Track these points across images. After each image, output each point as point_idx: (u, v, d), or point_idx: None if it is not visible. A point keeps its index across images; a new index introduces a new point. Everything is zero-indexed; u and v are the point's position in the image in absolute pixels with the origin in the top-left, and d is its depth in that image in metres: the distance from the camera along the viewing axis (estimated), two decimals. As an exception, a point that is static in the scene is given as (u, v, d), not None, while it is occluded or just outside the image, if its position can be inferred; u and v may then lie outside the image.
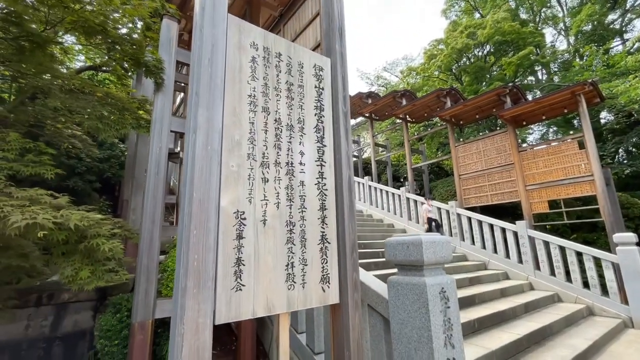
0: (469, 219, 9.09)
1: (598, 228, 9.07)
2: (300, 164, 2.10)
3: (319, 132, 2.25)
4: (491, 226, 8.57)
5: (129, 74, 5.73)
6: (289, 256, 1.90)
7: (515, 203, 9.85)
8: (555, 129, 15.48)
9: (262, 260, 1.79)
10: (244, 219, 1.77)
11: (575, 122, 14.73)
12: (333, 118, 2.35)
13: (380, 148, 17.29)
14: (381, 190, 11.99)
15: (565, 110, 8.85)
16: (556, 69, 17.67)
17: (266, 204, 1.87)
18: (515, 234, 8.03)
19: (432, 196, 8.31)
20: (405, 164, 12.97)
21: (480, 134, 11.86)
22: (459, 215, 9.36)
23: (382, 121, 15.77)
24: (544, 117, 9.35)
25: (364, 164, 15.91)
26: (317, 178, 2.16)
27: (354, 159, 17.27)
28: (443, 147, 15.41)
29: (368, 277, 2.57)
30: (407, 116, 12.96)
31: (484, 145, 10.03)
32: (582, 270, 6.87)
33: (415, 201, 10.65)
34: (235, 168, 1.79)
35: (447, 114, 10.67)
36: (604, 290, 6.61)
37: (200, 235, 1.55)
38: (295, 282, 1.89)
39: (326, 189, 2.18)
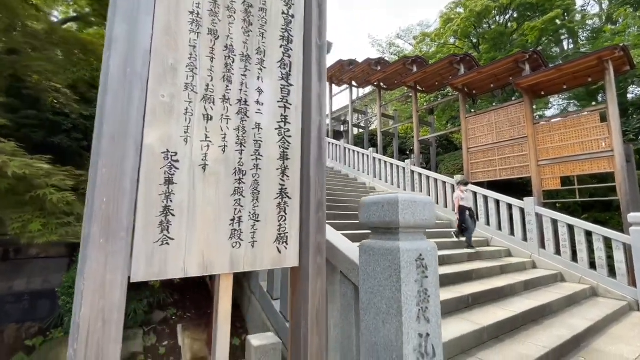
0: (474, 194, 8.69)
1: (612, 207, 8.58)
2: (258, 103, 1.75)
3: (284, 68, 1.88)
4: (497, 202, 8.18)
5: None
6: (236, 209, 1.61)
7: (525, 180, 9.36)
8: (576, 103, 14.50)
9: (199, 212, 1.50)
10: (176, 161, 1.46)
11: (600, 97, 13.74)
12: (304, 53, 1.97)
13: (388, 120, 16.67)
14: (385, 162, 11.58)
15: (590, 80, 8.10)
16: (584, 40, 16.33)
17: (208, 146, 1.55)
18: (522, 211, 7.64)
19: (465, 178, 7.61)
20: (413, 137, 12.42)
21: (494, 104, 11.14)
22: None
23: (391, 90, 15.02)
24: (565, 87, 8.61)
25: (370, 136, 15.39)
26: (278, 122, 1.82)
27: (360, 130, 16.72)
28: (454, 120, 14.69)
29: (340, 241, 2.28)
30: (418, 85, 12.23)
31: (496, 116, 9.41)
32: (591, 251, 6.51)
33: (420, 175, 10.24)
34: (168, 99, 1.46)
35: (460, 82, 9.97)
36: (612, 272, 6.27)
37: (111, 175, 1.26)
38: (242, 240, 1.61)
39: (290, 136, 1.84)
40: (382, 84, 13.73)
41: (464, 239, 7.23)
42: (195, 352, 3.09)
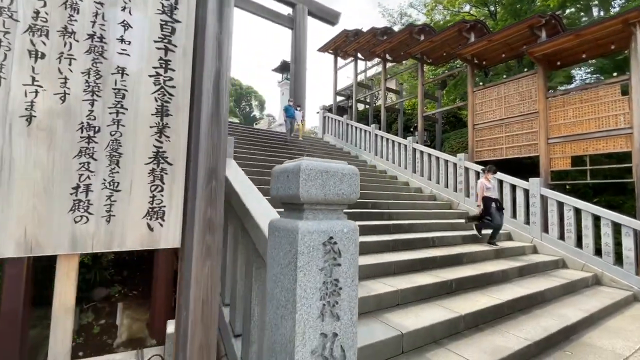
0: (477, 173, 8.13)
1: (627, 190, 7.86)
2: (121, 41, 1.37)
3: None
4: (500, 182, 7.62)
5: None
6: (81, 175, 1.28)
7: (533, 160, 8.68)
8: (602, 78, 13.26)
9: (18, 176, 1.18)
10: (-20, 108, 1.13)
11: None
12: (199, -19, 1.55)
13: (393, 95, 15.87)
14: (387, 139, 11.03)
15: (613, 47, 7.20)
16: (617, 7, 14.72)
17: (36, 92, 1.21)
18: (526, 193, 7.08)
19: (492, 167, 6.60)
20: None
21: (504, 76, 10.26)
22: (466, 169, 8.41)
23: (397, 63, 14.14)
24: (584, 56, 7.73)
25: (375, 112, 14.71)
26: (155, 68, 1.44)
27: (366, 105, 16.01)
28: (465, 96, 13.79)
29: (257, 208, 1.90)
30: (425, 56, 11.40)
31: (506, 90, 8.64)
32: (597, 237, 5.97)
33: (422, 152, 9.68)
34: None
35: (468, 51, 9.15)
36: (619, 260, 5.75)
37: None
38: (90, 213, 1.29)
39: (173, 87, 1.47)
40: (387, 55, 12.90)
41: (486, 232, 6.42)
42: (134, 332, 2.91)
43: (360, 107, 17.03)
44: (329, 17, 17.35)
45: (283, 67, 34.73)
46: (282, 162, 1.54)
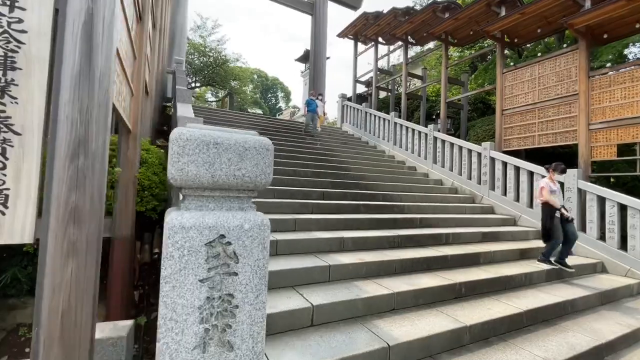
0: (505, 164, 7.32)
1: (688, 184, 6.73)
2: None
3: None
4: (530, 174, 6.81)
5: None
6: None
7: (571, 149, 7.68)
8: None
9: None
10: None
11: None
12: None
13: (417, 82, 14.95)
14: (407, 128, 10.33)
15: (676, 14, 6.06)
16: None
17: None
18: (561, 186, 6.23)
19: (561, 164, 5.09)
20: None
21: (539, 55, 9.14)
22: (492, 159, 7.62)
23: (420, 45, 13.20)
24: (638, 26, 6.60)
25: (396, 100, 13.90)
26: (-4, 5, 1.09)
27: (388, 93, 15.21)
28: (494, 81, 12.61)
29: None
30: (449, 36, 10.47)
31: (540, 70, 7.65)
32: (647, 238, 5.09)
33: (444, 141, 8.91)
34: None
35: (498, 27, 8.20)
36: (673, 266, 4.87)
37: None
38: None
39: (22, 30, 1.10)
40: (409, 37, 12.06)
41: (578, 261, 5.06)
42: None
43: (383, 95, 16.24)
44: (351, 0, 16.60)
45: (306, 57, 34.23)
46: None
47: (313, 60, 16.71)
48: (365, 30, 13.36)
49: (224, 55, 22.66)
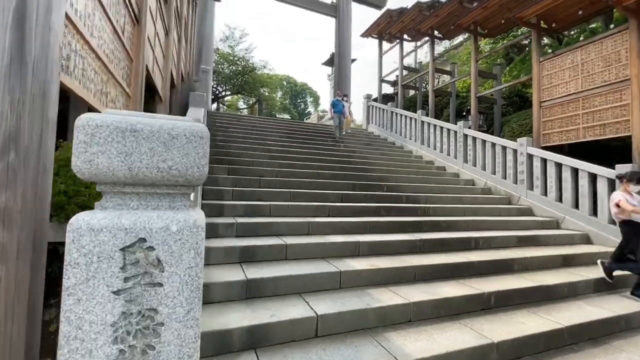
0: (544, 161, 6.65)
1: None
2: None
3: None
4: (575, 171, 6.11)
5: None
6: None
7: (623, 142, 6.82)
8: None
9: None
10: None
11: None
12: None
13: (446, 78, 14.26)
14: (435, 126, 9.81)
15: None
16: None
17: None
18: (611, 183, 5.51)
19: (638, 172, 4.29)
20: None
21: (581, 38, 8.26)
22: (530, 156, 6.96)
23: (447, 39, 12.57)
24: (702, -1, 5.73)
25: (424, 98, 13.34)
26: None
27: (415, 91, 14.66)
28: (530, 71, 11.67)
29: None
30: (478, 27, 9.83)
31: (584, 55, 6.90)
32: None
33: (475, 138, 8.33)
34: None
35: (533, 12, 7.53)
36: None
37: None
38: None
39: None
40: (435, 32, 11.52)
41: (620, 272, 4.19)
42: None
43: (410, 94, 15.70)
44: (375, -1, 16.30)
45: (332, 61, 34.25)
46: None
47: (338, 62, 16.57)
48: (390, 28, 12.99)
49: (252, 63, 23.22)
